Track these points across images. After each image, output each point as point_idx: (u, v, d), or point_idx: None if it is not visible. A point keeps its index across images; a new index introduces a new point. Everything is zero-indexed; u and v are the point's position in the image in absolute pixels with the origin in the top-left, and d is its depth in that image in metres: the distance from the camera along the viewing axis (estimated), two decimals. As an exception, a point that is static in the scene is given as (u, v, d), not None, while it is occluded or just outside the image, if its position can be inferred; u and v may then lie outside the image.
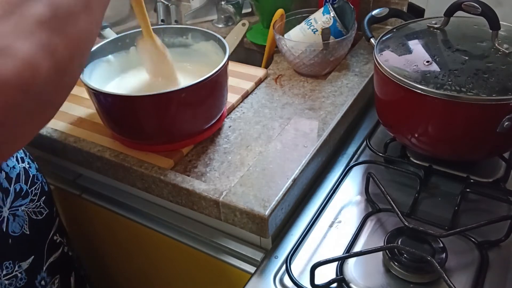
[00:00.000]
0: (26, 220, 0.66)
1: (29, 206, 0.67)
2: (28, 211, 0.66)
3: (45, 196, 0.70)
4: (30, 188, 0.67)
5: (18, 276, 0.64)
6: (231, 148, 0.72)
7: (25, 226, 0.65)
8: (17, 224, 0.64)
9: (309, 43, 0.84)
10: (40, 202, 0.69)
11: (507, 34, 0.68)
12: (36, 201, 0.68)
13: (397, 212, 0.62)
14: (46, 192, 0.71)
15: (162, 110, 0.65)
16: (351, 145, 0.81)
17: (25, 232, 0.65)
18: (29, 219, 0.66)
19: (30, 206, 0.67)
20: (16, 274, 0.63)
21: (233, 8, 1.08)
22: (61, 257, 0.73)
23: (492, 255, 0.60)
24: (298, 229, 0.67)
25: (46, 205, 0.70)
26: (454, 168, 0.72)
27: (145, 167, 0.68)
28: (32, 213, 0.67)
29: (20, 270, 0.64)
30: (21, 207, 0.65)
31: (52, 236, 0.71)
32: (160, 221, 0.77)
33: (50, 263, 0.70)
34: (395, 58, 0.69)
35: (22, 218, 0.65)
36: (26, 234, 0.65)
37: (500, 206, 0.67)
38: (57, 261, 0.72)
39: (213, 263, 0.72)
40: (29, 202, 0.67)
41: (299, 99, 0.82)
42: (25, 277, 0.65)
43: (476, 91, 0.60)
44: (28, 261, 0.65)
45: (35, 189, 0.68)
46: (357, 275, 0.58)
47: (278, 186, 0.63)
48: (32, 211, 0.67)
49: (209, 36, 0.76)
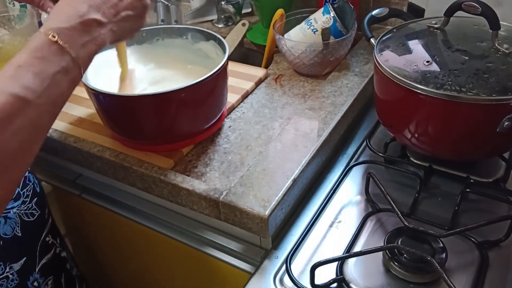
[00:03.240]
0: (18, 222, 0.65)
1: (21, 208, 0.66)
2: (20, 213, 0.66)
3: (37, 197, 0.70)
4: (22, 190, 0.67)
5: (10, 277, 0.64)
6: (231, 148, 0.72)
7: (17, 228, 0.65)
8: (9, 226, 0.64)
9: (309, 43, 0.84)
10: (32, 204, 0.68)
11: (507, 34, 0.68)
12: (28, 202, 0.68)
13: (397, 212, 0.62)
14: (38, 193, 0.71)
15: (162, 110, 0.65)
16: (351, 145, 0.81)
17: (16, 234, 0.65)
18: (20, 221, 0.66)
19: (22, 208, 0.66)
20: (7, 275, 0.63)
21: (233, 8, 1.08)
22: (53, 258, 0.73)
23: (492, 255, 0.60)
24: (298, 229, 0.67)
25: (38, 207, 0.70)
26: (454, 168, 0.72)
27: (145, 167, 0.68)
28: (24, 215, 0.67)
29: (12, 271, 0.64)
30: (12, 210, 0.65)
31: (44, 237, 0.71)
32: (160, 221, 0.77)
33: (43, 264, 0.70)
34: (395, 58, 0.69)
35: (13, 220, 0.65)
36: (17, 236, 0.65)
37: (500, 206, 0.67)
38: (49, 262, 0.72)
39: (213, 263, 0.72)
40: (21, 204, 0.66)
41: (299, 99, 0.82)
42: (17, 278, 0.65)
43: (476, 91, 0.60)
44: (20, 262, 0.65)
45: (27, 190, 0.68)
46: (357, 275, 0.58)
47: (278, 186, 0.63)
48: (24, 213, 0.67)
49: (209, 36, 0.76)
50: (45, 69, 0.44)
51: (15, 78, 0.42)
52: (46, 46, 0.45)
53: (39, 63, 0.44)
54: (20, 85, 0.42)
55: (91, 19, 0.49)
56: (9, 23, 1.02)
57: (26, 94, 0.42)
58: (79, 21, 0.48)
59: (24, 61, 0.44)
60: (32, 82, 0.43)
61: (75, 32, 0.48)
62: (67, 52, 0.46)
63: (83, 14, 0.49)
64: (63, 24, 0.47)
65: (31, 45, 0.45)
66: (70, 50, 0.46)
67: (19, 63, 0.44)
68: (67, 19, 0.48)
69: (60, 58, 0.46)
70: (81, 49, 0.48)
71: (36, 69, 0.44)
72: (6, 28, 1.02)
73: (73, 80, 0.48)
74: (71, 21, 0.48)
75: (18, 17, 1.02)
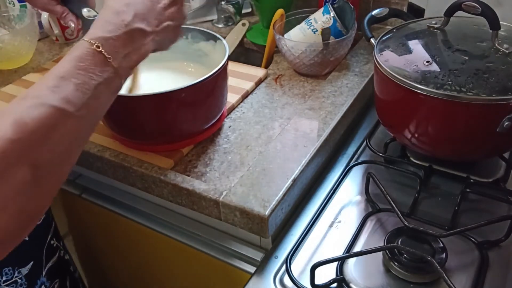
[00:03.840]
0: None
1: None
2: None
3: None
4: None
5: (18, 281, 0.64)
6: (231, 148, 0.72)
7: None
8: None
9: (309, 43, 0.84)
10: None
11: (507, 34, 0.68)
12: None
13: (397, 212, 0.62)
14: None
15: (162, 110, 0.65)
16: (351, 145, 0.81)
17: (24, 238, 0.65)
18: None
19: None
20: (16, 280, 0.63)
21: (233, 8, 1.08)
22: (58, 261, 0.73)
23: (492, 255, 0.60)
24: (298, 229, 0.67)
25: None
26: (454, 168, 0.72)
27: (145, 167, 0.68)
28: None
29: (20, 275, 0.64)
30: None
31: (49, 241, 0.71)
32: (160, 221, 0.77)
33: (49, 267, 0.70)
34: (395, 58, 0.69)
35: None
36: (25, 241, 0.64)
37: (500, 206, 0.67)
38: (55, 265, 0.72)
39: (213, 263, 0.72)
40: None
41: (299, 99, 0.82)
42: (25, 282, 0.65)
43: (476, 91, 0.60)
44: (28, 266, 0.65)
45: None
46: (357, 275, 0.58)
47: (278, 186, 0.63)
48: None
49: (209, 36, 0.76)
50: (87, 81, 0.43)
51: (56, 89, 0.42)
52: (90, 56, 0.44)
53: (81, 75, 0.43)
54: (61, 97, 0.41)
55: (136, 28, 0.48)
56: (9, 23, 1.02)
57: (67, 107, 0.41)
58: (123, 31, 0.47)
59: (66, 72, 0.43)
60: (74, 94, 0.42)
61: (119, 42, 0.47)
62: (110, 63, 0.45)
63: (128, 23, 0.48)
64: (108, 34, 0.46)
65: (75, 54, 0.44)
66: (113, 61, 0.46)
67: (62, 73, 0.43)
68: (111, 29, 0.47)
69: (103, 69, 0.45)
70: (124, 59, 0.47)
71: (78, 80, 0.43)
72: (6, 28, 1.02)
73: (114, 91, 0.47)
74: (116, 30, 0.47)
75: (18, 17, 1.02)
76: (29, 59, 1.00)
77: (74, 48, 0.45)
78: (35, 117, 0.39)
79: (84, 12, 0.78)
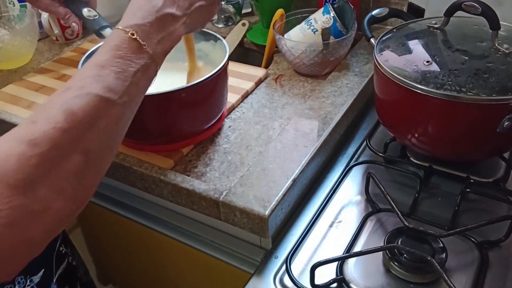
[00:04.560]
0: None
1: None
2: None
3: None
4: None
5: None
6: (231, 148, 0.72)
7: None
8: None
9: (309, 43, 0.84)
10: None
11: (507, 34, 0.68)
12: None
13: (397, 212, 0.62)
14: None
15: (162, 110, 0.65)
16: (351, 145, 0.81)
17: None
18: None
19: None
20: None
21: (233, 8, 1.08)
22: (67, 267, 0.73)
23: (492, 255, 0.60)
24: (298, 229, 0.67)
25: None
26: (454, 168, 0.72)
27: (145, 167, 0.68)
28: None
29: (32, 284, 0.63)
30: None
31: (59, 247, 0.71)
32: (160, 221, 0.77)
33: (59, 274, 0.70)
34: (395, 58, 0.69)
35: None
36: None
37: (500, 206, 0.67)
38: (64, 272, 0.72)
39: (213, 263, 0.72)
40: None
41: (299, 99, 0.82)
42: None
43: (476, 91, 0.60)
44: (39, 274, 0.65)
45: None
46: (357, 275, 0.58)
47: (278, 186, 0.63)
48: None
49: (209, 36, 0.76)
50: (126, 69, 0.44)
51: (99, 78, 0.42)
52: (126, 44, 0.45)
53: (120, 63, 0.44)
54: (104, 86, 0.42)
55: (167, 13, 0.49)
56: (9, 23, 1.02)
57: (110, 95, 0.42)
58: (155, 17, 0.48)
59: (105, 61, 0.44)
60: (115, 83, 0.43)
61: (152, 28, 0.48)
62: (145, 50, 0.46)
63: (159, 9, 0.48)
64: (141, 21, 0.47)
65: (111, 43, 0.45)
66: (148, 48, 0.46)
67: (101, 62, 0.44)
68: (144, 15, 0.47)
69: (139, 56, 0.46)
70: (158, 45, 0.48)
71: (118, 69, 0.44)
72: (6, 28, 1.02)
73: (150, 77, 0.48)
74: (148, 17, 0.48)
75: (18, 17, 1.02)
76: (29, 59, 1.00)
77: (109, 37, 0.46)
78: (82, 106, 0.40)
79: (85, 12, 0.78)
